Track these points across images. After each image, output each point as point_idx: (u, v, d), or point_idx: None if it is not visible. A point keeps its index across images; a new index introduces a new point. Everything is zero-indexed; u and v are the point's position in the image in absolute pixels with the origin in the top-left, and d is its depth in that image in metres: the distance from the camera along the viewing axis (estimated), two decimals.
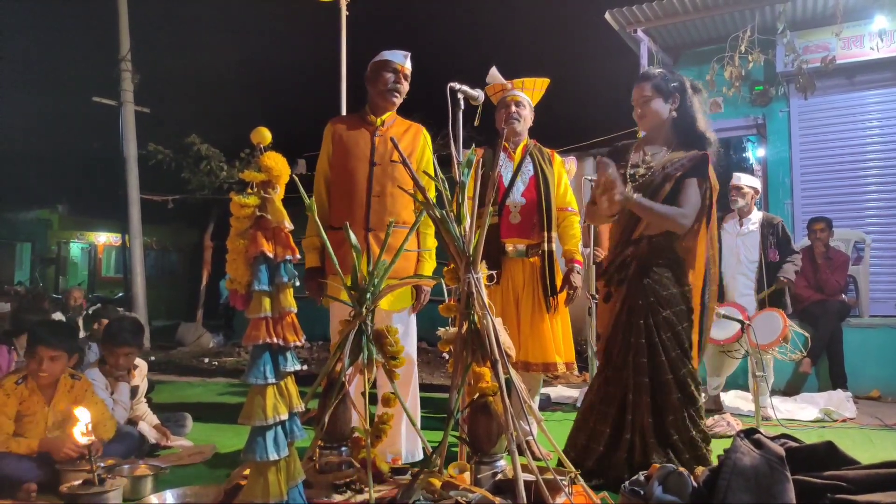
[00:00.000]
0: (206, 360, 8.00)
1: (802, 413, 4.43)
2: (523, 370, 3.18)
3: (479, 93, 3.07)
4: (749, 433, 2.09)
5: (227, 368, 7.39)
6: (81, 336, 5.12)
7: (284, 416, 1.71)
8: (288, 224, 1.76)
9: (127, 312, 6.26)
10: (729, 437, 3.32)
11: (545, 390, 5.03)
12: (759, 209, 5.19)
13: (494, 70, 3.43)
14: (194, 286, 13.34)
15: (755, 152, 8.05)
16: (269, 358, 1.71)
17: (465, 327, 2.09)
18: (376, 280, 2.14)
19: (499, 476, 2.04)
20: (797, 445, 2.12)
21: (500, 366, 2.01)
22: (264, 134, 1.78)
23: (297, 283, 1.78)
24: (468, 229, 2.12)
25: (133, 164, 9.86)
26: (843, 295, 5.49)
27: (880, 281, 6.17)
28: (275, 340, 1.71)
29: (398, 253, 2.28)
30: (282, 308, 1.74)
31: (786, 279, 4.79)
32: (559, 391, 5.34)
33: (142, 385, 3.61)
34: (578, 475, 2.10)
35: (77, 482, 2.39)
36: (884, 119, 6.36)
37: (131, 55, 9.87)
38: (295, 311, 1.77)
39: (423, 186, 2.19)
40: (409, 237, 2.35)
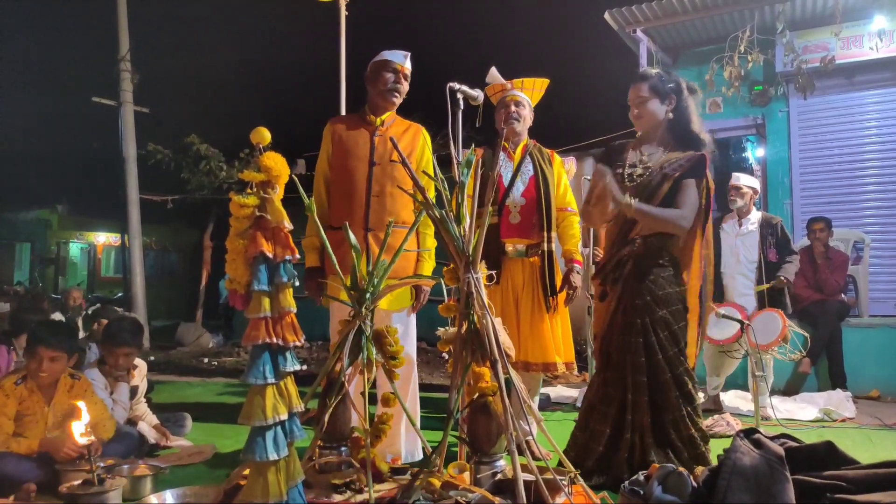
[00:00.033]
0: (206, 360, 8.00)
1: (802, 413, 4.43)
2: (523, 370, 3.18)
3: (479, 93, 3.07)
4: (749, 433, 2.09)
5: (227, 368, 7.39)
6: (81, 336, 5.12)
7: (284, 416, 1.71)
8: (287, 224, 1.76)
9: (126, 312, 6.25)
10: (729, 437, 3.33)
11: (545, 390, 5.03)
12: (759, 209, 5.19)
13: (494, 70, 3.43)
14: (194, 286, 13.33)
15: (754, 152, 8.05)
16: (269, 358, 1.71)
17: (465, 327, 2.09)
18: (376, 280, 2.14)
19: (498, 476, 2.04)
20: (797, 445, 2.12)
21: (500, 366, 2.01)
22: (264, 134, 1.78)
23: (297, 283, 1.78)
24: (468, 229, 2.12)
25: (132, 164, 9.86)
26: (843, 295, 5.50)
27: (880, 281, 6.18)
28: (274, 340, 1.71)
29: (398, 253, 2.28)
30: (281, 308, 1.74)
31: (785, 279, 4.79)
32: (559, 391, 5.34)
33: (141, 385, 3.61)
34: (578, 475, 2.10)
35: (77, 482, 2.38)
36: (883, 119, 6.36)
37: (131, 55, 9.88)
38: (294, 311, 1.77)
39: (423, 186, 2.19)
40: (409, 237, 2.35)
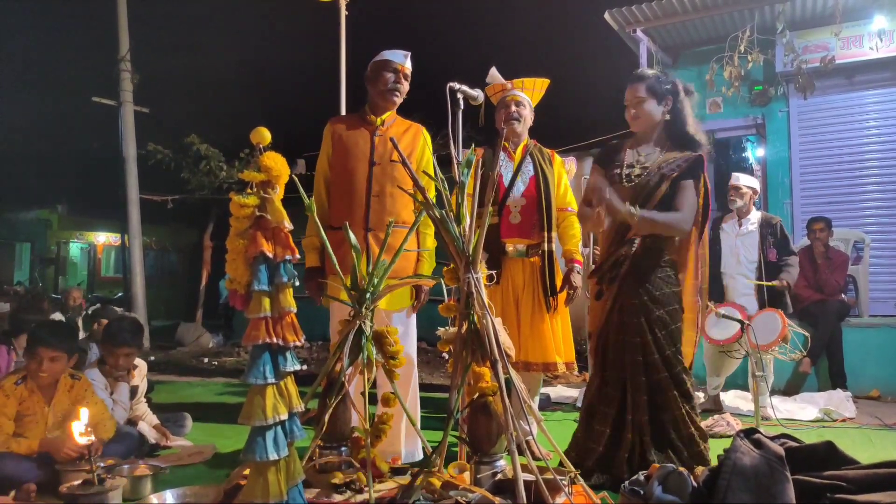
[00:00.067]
0: (206, 360, 8.00)
1: (802, 413, 4.43)
2: (523, 370, 3.18)
3: (479, 93, 3.07)
4: (749, 433, 2.09)
5: (227, 368, 7.39)
6: (81, 337, 5.12)
7: (284, 416, 1.71)
8: (287, 224, 1.76)
9: (126, 312, 6.25)
10: (729, 437, 3.33)
11: (545, 390, 5.03)
12: (759, 209, 5.18)
13: (494, 70, 3.43)
14: (194, 286, 13.34)
15: (754, 152, 8.05)
16: (269, 358, 1.71)
17: (465, 327, 2.09)
18: (376, 280, 2.14)
19: (499, 476, 2.04)
20: (797, 445, 2.11)
21: (500, 366, 2.01)
22: (264, 134, 1.78)
23: (297, 283, 1.78)
24: (468, 229, 2.12)
25: (132, 164, 9.86)
26: (843, 295, 5.49)
27: (880, 281, 6.17)
28: (274, 340, 1.71)
29: (398, 253, 2.28)
30: (281, 308, 1.74)
31: (786, 282, 4.79)
32: (559, 391, 5.34)
33: (141, 385, 3.61)
34: (578, 475, 2.10)
35: (77, 482, 2.38)
36: (883, 119, 6.36)
37: (131, 55, 9.87)
38: (294, 311, 1.77)
39: (423, 186, 2.19)
40: (409, 237, 2.35)
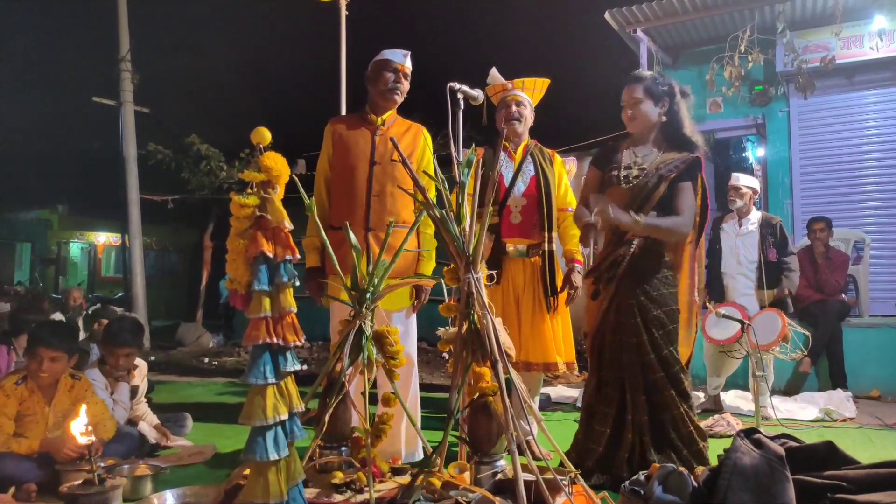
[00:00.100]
0: (206, 360, 8.00)
1: (802, 413, 4.43)
2: (524, 370, 3.18)
3: (479, 93, 3.07)
4: (749, 433, 2.09)
5: (227, 368, 7.39)
6: (82, 337, 5.12)
7: (284, 416, 1.71)
8: (288, 224, 1.76)
9: (127, 312, 6.25)
10: (729, 437, 3.33)
11: (545, 390, 5.03)
12: (759, 209, 5.18)
13: (495, 71, 3.43)
14: (194, 286, 13.35)
15: (755, 152, 8.05)
16: (269, 358, 1.71)
17: (465, 327, 2.09)
18: (376, 280, 2.14)
19: (499, 476, 2.04)
20: (797, 445, 2.12)
21: (500, 366, 2.01)
22: (264, 134, 1.78)
23: (297, 283, 1.78)
24: (468, 229, 2.12)
25: (133, 164, 9.86)
26: (843, 295, 5.49)
27: (880, 281, 6.17)
28: (275, 340, 1.71)
29: (398, 253, 2.28)
30: (282, 308, 1.74)
31: (788, 290, 4.79)
32: (559, 391, 5.34)
33: (142, 385, 3.61)
34: (578, 475, 2.10)
35: (77, 482, 2.39)
36: (883, 119, 6.36)
37: (131, 55, 9.87)
38: (295, 311, 1.77)
39: (423, 186, 2.19)
40: (409, 237, 2.35)
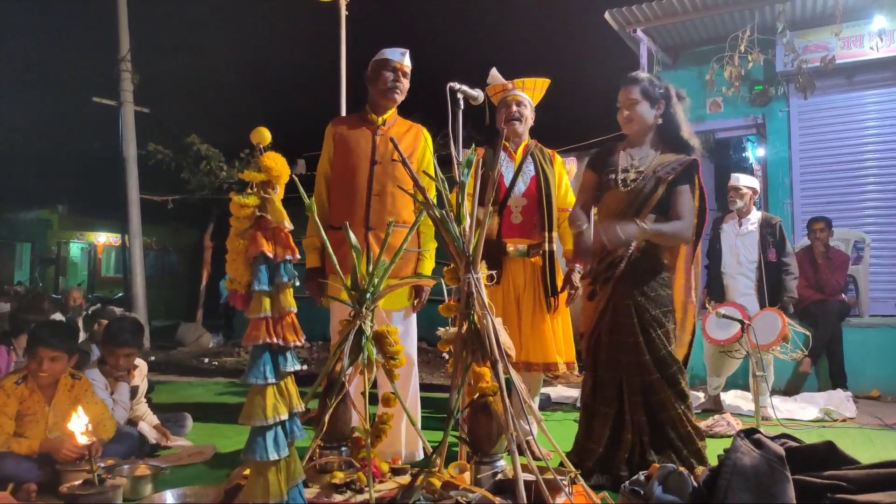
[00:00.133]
0: (206, 360, 8.00)
1: (802, 413, 4.43)
2: (524, 370, 3.18)
3: (479, 93, 3.07)
4: (749, 433, 2.09)
5: (227, 368, 7.39)
6: (82, 338, 5.12)
7: (284, 416, 1.71)
8: (288, 224, 1.76)
9: (127, 312, 6.25)
10: (729, 437, 3.33)
11: (545, 390, 5.03)
12: (759, 209, 5.18)
13: (495, 71, 3.43)
14: (194, 286, 13.35)
15: (755, 152, 8.05)
16: (269, 358, 1.71)
17: (465, 327, 2.09)
18: (376, 280, 2.14)
19: (499, 476, 2.04)
20: (797, 445, 2.12)
21: (500, 366, 2.01)
22: (264, 134, 1.78)
23: (297, 283, 1.78)
24: (468, 229, 2.12)
25: (133, 165, 9.86)
26: (843, 295, 5.49)
27: (880, 281, 6.17)
28: (275, 340, 1.71)
29: (398, 253, 2.28)
30: (282, 308, 1.74)
31: (790, 299, 4.79)
32: (559, 391, 5.34)
33: (142, 385, 3.61)
34: (578, 475, 2.10)
35: (77, 482, 2.39)
36: (883, 119, 6.36)
37: (131, 55, 9.87)
38: (295, 311, 1.77)
39: (423, 186, 2.19)
40: (409, 237, 2.35)
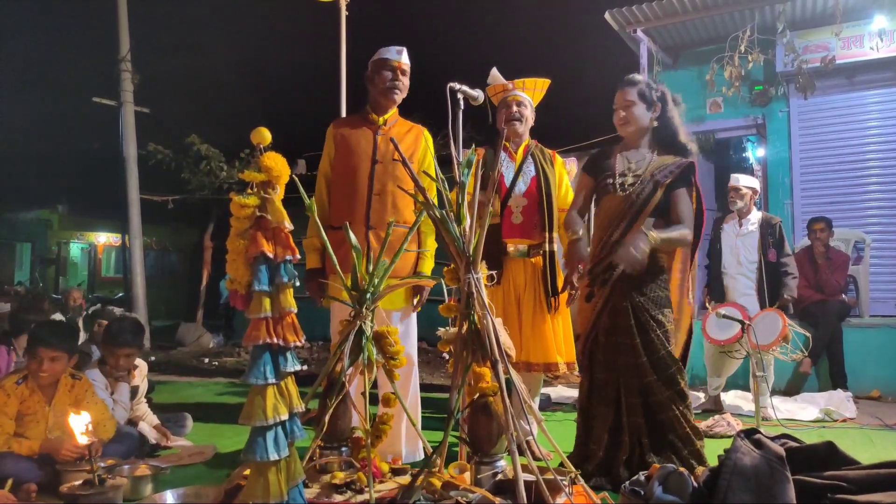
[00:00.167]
0: (206, 361, 8.00)
1: (803, 413, 4.43)
2: (525, 370, 3.18)
3: (479, 93, 3.07)
4: (749, 433, 2.09)
5: (227, 368, 7.39)
6: (83, 339, 5.12)
7: (284, 417, 1.71)
8: (288, 224, 1.76)
9: (127, 313, 6.25)
10: (729, 437, 3.33)
11: (545, 390, 5.03)
12: (759, 209, 5.18)
13: (495, 71, 3.43)
14: (194, 286, 13.35)
15: (755, 152, 8.05)
16: (270, 358, 1.71)
17: (466, 327, 2.09)
18: (376, 280, 2.14)
19: (499, 476, 2.04)
20: (797, 445, 2.12)
21: (501, 366, 2.01)
22: (264, 134, 1.78)
23: (298, 284, 1.78)
24: (468, 229, 2.12)
25: (133, 165, 9.86)
26: (844, 295, 5.49)
27: (880, 281, 6.17)
28: (275, 340, 1.71)
29: (398, 253, 2.28)
30: (282, 308, 1.74)
31: (789, 297, 4.79)
32: (559, 391, 5.34)
33: (142, 385, 3.61)
34: (579, 475, 2.10)
35: (77, 482, 2.39)
36: (884, 119, 6.36)
37: (131, 55, 9.87)
38: (295, 312, 1.77)
39: (424, 187, 2.18)
40: (410, 237, 2.35)
